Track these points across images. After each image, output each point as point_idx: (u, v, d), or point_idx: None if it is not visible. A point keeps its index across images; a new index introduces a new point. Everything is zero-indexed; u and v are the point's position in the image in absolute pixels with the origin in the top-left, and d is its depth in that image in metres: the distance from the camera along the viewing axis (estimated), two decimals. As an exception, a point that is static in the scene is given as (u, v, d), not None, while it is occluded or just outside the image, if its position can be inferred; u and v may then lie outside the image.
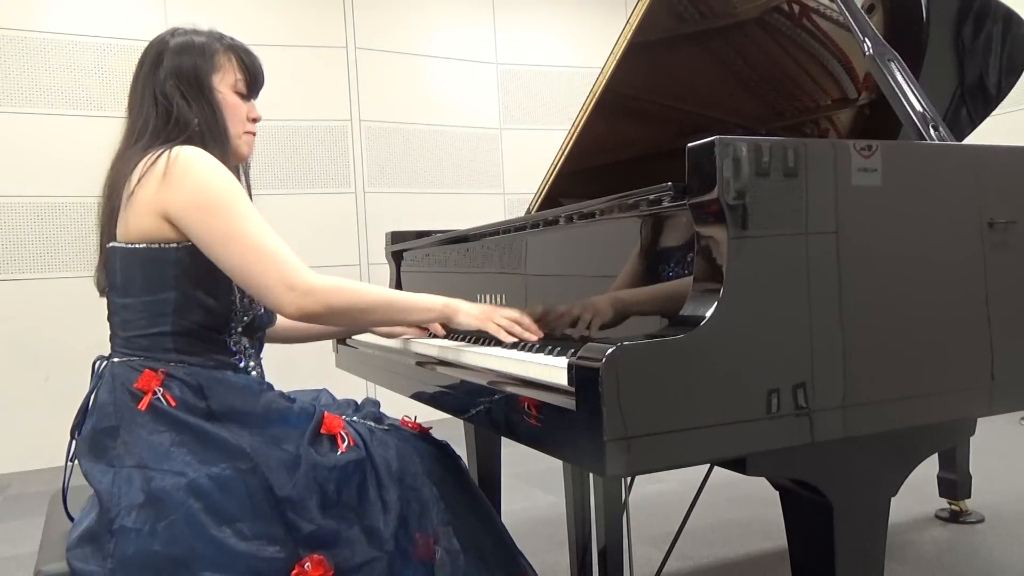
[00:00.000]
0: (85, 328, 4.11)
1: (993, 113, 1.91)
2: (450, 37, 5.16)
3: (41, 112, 4.16)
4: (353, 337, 1.97)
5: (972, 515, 2.56)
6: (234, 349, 1.30)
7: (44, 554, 1.22)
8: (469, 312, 1.33)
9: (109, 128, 1.33)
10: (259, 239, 1.21)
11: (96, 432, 1.18)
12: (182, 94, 1.30)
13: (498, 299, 1.53)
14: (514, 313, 1.33)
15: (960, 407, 1.16)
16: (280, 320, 1.44)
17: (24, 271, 4.14)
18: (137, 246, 1.24)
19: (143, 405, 1.17)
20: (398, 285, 2.12)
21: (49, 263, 4.18)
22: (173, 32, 1.36)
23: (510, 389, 1.11)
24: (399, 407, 1.46)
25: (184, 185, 1.21)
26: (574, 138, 1.94)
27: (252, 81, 1.39)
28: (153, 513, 1.10)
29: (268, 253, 1.21)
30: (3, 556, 2.79)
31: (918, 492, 2.37)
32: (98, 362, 1.28)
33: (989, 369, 1.14)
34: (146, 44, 1.35)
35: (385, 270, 2.21)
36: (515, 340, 1.29)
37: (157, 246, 1.23)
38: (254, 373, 1.33)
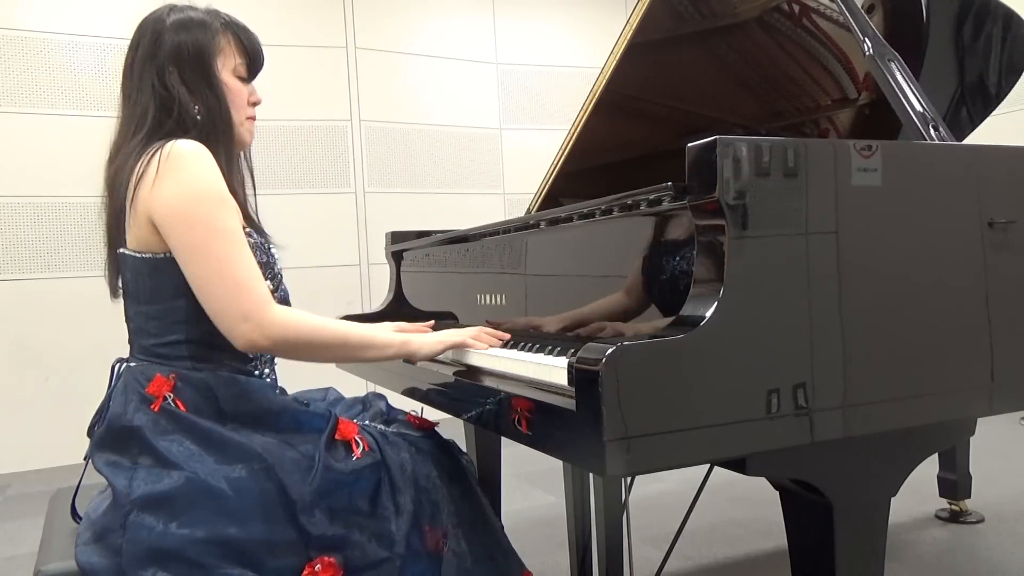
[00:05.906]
0: (85, 328, 4.13)
1: (993, 113, 1.91)
2: (450, 37, 5.15)
3: (41, 112, 4.16)
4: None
5: (972, 515, 2.57)
6: (251, 356, 1.27)
7: (44, 554, 1.22)
8: (428, 343, 1.31)
9: (109, 128, 1.30)
10: (227, 260, 1.16)
11: (111, 431, 1.17)
12: (184, 82, 1.25)
13: (498, 299, 1.53)
14: (472, 329, 1.36)
15: (960, 407, 1.16)
16: None
17: (24, 271, 4.13)
18: (144, 256, 1.21)
19: (155, 407, 1.17)
20: (398, 285, 2.13)
21: (49, 263, 4.17)
22: (170, 9, 1.28)
23: (510, 389, 1.11)
24: (400, 407, 1.46)
25: (169, 187, 1.16)
26: (574, 138, 1.94)
27: (252, 63, 1.33)
28: (166, 510, 1.09)
29: (232, 277, 1.16)
30: (3, 556, 2.78)
31: (918, 492, 2.37)
32: (117, 364, 1.27)
33: (989, 369, 1.14)
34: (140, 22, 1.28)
35: (385, 270, 2.21)
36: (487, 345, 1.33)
37: (163, 256, 1.20)
38: (268, 380, 1.30)
